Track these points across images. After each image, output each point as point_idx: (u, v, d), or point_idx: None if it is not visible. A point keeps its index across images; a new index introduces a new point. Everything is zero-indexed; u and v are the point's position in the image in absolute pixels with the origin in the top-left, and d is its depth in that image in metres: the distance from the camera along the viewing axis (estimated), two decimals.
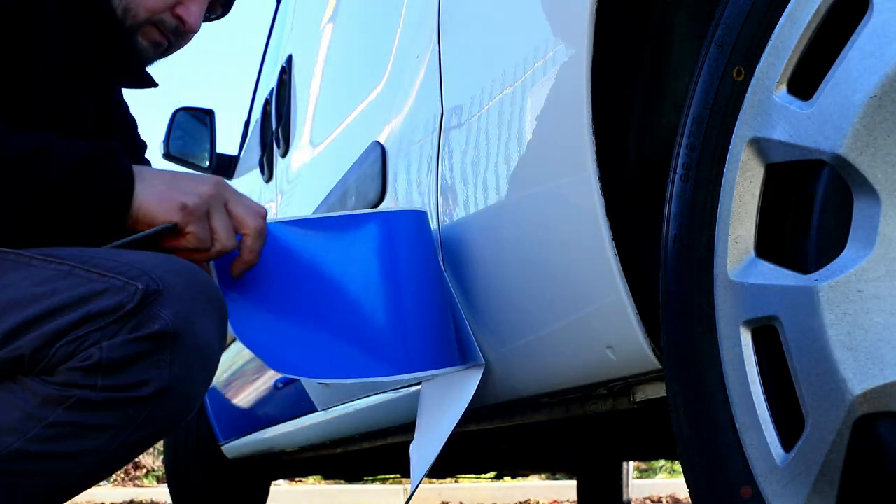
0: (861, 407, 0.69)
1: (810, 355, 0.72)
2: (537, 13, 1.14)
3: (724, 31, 0.84)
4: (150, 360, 1.01)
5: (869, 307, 0.69)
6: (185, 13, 1.33)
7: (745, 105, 0.81)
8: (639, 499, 6.02)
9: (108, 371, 1.00)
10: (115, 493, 6.44)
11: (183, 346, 1.03)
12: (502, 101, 1.21)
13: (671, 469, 7.60)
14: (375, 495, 6.09)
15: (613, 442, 2.59)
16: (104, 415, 1.01)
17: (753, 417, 0.80)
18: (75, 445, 1.02)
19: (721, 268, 0.83)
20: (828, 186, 0.74)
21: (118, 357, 1.00)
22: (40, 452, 1.01)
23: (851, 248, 0.70)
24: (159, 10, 1.31)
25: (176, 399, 1.04)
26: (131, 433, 1.03)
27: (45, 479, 1.03)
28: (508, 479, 5.48)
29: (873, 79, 0.68)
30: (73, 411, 1.00)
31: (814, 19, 0.75)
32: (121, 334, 1.00)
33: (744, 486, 0.81)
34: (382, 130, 1.67)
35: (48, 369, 1.00)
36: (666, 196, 0.92)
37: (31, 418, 1.00)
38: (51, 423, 1.00)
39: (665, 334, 0.91)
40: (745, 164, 0.81)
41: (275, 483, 5.10)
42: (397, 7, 1.66)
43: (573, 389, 1.22)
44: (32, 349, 0.99)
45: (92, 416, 1.01)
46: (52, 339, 1.00)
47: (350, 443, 2.34)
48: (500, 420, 1.55)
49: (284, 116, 2.54)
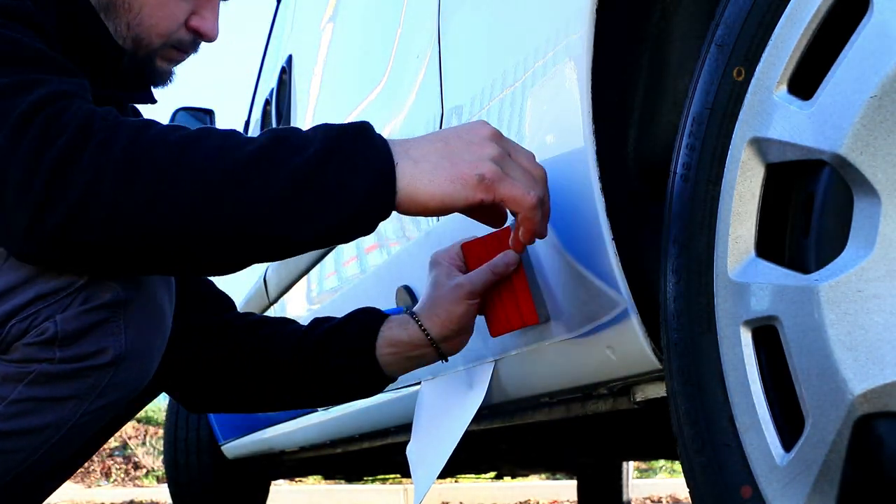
0: (861, 407, 0.69)
1: (810, 355, 0.72)
2: (537, 13, 1.14)
3: (724, 31, 0.84)
4: (105, 328, 1.01)
5: (869, 307, 0.69)
6: (200, 25, 1.24)
7: (745, 105, 0.81)
8: (639, 499, 6.02)
9: (65, 343, 1.00)
10: (115, 492, 6.44)
11: (135, 311, 1.03)
12: (502, 101, 1.21)
13: (671, 469, 7.60)
14: (375, 495, 6.09)
15: (613, 442, 2.59)
16: (65, 386, 1.02)
17: (753, 417, 0.80)
18: (39, 420, 1.02)
19: (721, 268, 0.83)
20: (828, 186, 0.74)
21: (73, 328, 1.00)
22: (4, 430, 1.02)
23: (851, 247, 0.70)
24: (172, 30, 1.22)
25: (135, 363, 1.05)
26: (94, 401, 1.04)
27: (13, 456, 1.04)
28: (508, 479, 5.48)
29: (873, 79, 0.68)
30: (33, 386, 1.01)
31: (814, 19, 0.75)
32: (73, 307, 1.00)
33: (744, 486, 0.81)
34: (382, 130, 1.67)
35: (4, 348, 1.01)
36: (666, 196, 0.92)
37: None
38: (13, 401, 1.01)
39: (665, 334, 0.91)
40: (745, 163, 0.81)
41: (275, 483, 5.10)
42: (397, 7, 1.66)
43: (573, 389, 1.22)
44: None
45: (53, 389, 1.02)
46: (5, 318, 1.00)
47: (350, 443, 2.34)
48: (500, 420, 1.55)
49: (284, 116, 2.54)
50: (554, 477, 6.32)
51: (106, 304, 1.01)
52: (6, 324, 1.00)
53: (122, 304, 1.02)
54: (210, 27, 1.24)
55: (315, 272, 2.16)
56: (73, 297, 1.00)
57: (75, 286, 1.00)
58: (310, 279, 2.22)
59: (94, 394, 1.04)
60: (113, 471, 7.58)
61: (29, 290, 1.00)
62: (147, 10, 1.20)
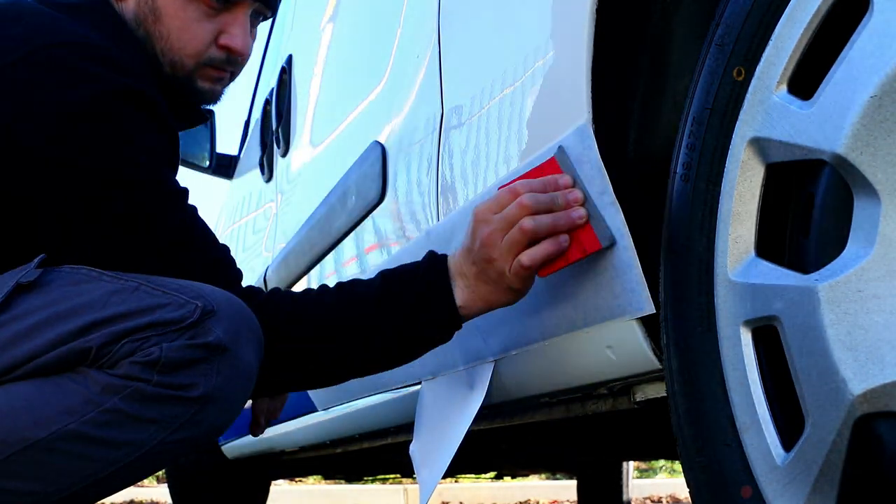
0: (861, 407, 0.69)
1: (810, 355, 0.72)
2: (537, 13, 1.14)
3: (724, 31, 0.84)
4: (201, 366, 1.12)
5: (869, 307, 0.69)
6: (230, 42, 1.32)
7: (745, 105, 0.81)
8: (639, 499, 6.02)
9: (165, 369, 1.10)
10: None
11: (228, 360, 1.13)
12: (502, 101, 1.21)
13: (671, 469, 7.60)
14: (375, 495, 6.09)
15: (613, 442, 2.59)
16: (153, 408, 1.11)
17: (753, 417, 0.80)
18: (123, 434, 1.11)
19: (721, 268, 0.83)
20: (828, 186, 0.74)
21: (175, 358, 1.10)
22: (92, 436, 1.10)
23: (851, 247, 0.70)
24: (203, 50, 1.31)
25: (217, 407, 1.14)
26: (172, 433, 1.13)
27: (90, 464, 1.12)
28: (508, 479, 5.48)
29: (873, 79, 0.68)
30: (127, 401, 1.10)
31: (814, 19, 0.75)
32: (179, 340, 1.11)
33: (744, 485, 0.81)
34: (383, 130, 1.67)
35: (111, 364, 1.11)
36: (666, 196, 0.92)
37: (90, 403, 1.10)
38: (106, 409, 1.10)
39: (665, 334, 0.91)
40: (745, 163, 0.81)
41: (275, 483, 5.10)
42: (397, 7, 1.66)
43: (573, 389, 1.22)
44: (101, 343, 1.10)
45: (142, 409, 1.11)
46: (120, 336, 1.10)
47: (350, 443, 2.34)
48: (500, 420, 1.55)
49: (284, 116, 2.55)
50: (554, 477, 6.33)
51: (208, 345, 1.11)
52: (119, 341, 1.10)
53: (220, 351, 1.12)
54: (238, 43, 1.32)
55: (315, 272, 2.17)
56: (181, 333, 1.11)
57: (186, 323, 1.11)
58: (310, 279, 2.22)
59: (174, 424, 1.13)
60: None
61: (147, 316, 1.11)
62: (174, 34, 1.31)
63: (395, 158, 1.59)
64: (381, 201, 1.64)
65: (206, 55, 1.31)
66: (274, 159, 2.68)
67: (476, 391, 1.34)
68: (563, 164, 1.04)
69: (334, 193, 1.93)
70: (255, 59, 3.35)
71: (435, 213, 1.41)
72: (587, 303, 1.07)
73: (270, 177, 2.74)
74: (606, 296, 1.03)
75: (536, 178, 1.07)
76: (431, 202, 1.42)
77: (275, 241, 2.62)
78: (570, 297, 1.10)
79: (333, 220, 1.92)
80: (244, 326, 1.15)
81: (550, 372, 1.21)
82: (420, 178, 1.47)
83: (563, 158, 1.04)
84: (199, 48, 1.31)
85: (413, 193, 1.50)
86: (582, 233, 1.04)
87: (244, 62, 1.36)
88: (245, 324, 1.15)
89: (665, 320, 0.91)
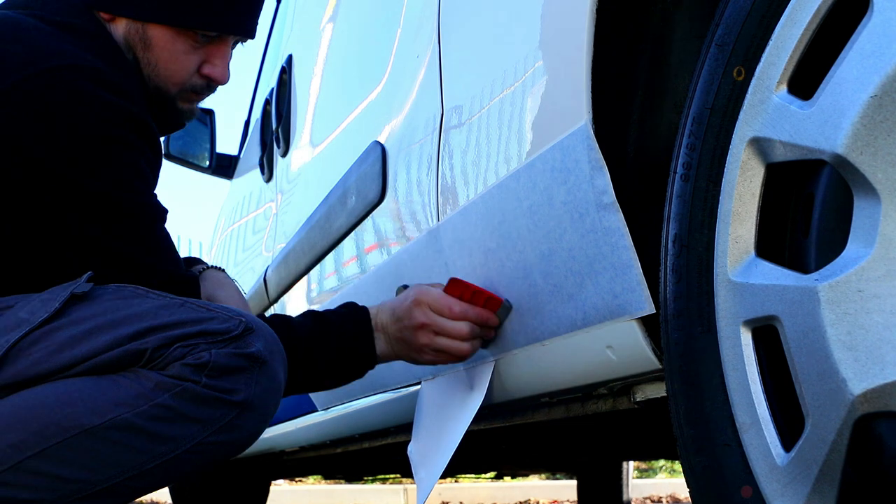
0: (861, 407, 0.69)
1: (810, 355, 0.72)
2: (537, 13, 1.14)
3: (724, 31, 0.84)
4: (244, 375, 1.23)
5: (869, 307, 0.69)
6: (212, 72, 1.42)
7: (745, 105, 0.81)
8: (639, 499, 6.02)
9: (213, 373, 1.21)
10: None
11: (266, 373, 1.24)
12: (502, 101, 1.21)
13: (671, 469, 7.60)
14: (375, 495, 6.09)
15: (613, 442, 2.59)
16: (199, 408, 1.21)
17: (753, 417, 0.80)
18: (168, 430, 1.21)
19: (721, 268, 0.83)
20: (828, 186, 0.74)
21: (222, 364, 1.21)
22: (141, 427, 1.20)
23: (851, 247, 0.70)
24: (187, 79, 1.41)
25: (253, 414, 1.24)
26: (212, 434, 1.23)
27: (136, 456, 1.21)
28: (508, 479, 5.48)
29: (873, 79, 0.68)
30: (177, 399, 1.20)
31: (814, 19, 0.75)
32: (227, 348, 1.22)
33: (744, 486, 0.81)
34: (383, 130, 1.67)
35: (163, 365, 1.21)
36: (666, 196, 0.92)
37: (143, 397, 1.20)
38: (157, 404, 1.20)
39: (665, 334, 0.91)
40: (745, 163, 0.81)
41: (275, 483, 5.10)
42: (397, 7, 1.66)
43: (573, 389, 1.22)
44: (156, 346, 1.20)
45: (189, 407, 1.20)
46: (174, 340, 1.21)
47: (350, 443, 2.34)
48: (500, 420, 1.55)
49: (284, 116, 2.54)
50: (554, 477, 6.33)
51: (251, 355, 1.23)
52: (173, 344, 1.20)
53: (260, 363, 1.24)
54: (220, 73, 1.43)
55: (315, 272, 2.17)
56: (227, 343, 1.22)
57: (232, 335, 1.23)
58: (310, 279, 2.22)
59: (215, 426, 1.23)
60: None
61: (199, 326, 1.22)
62: (162, 64, 1.40)
63: (395, 158, 1.59)
64: (381, 201, 1.64)
65: (189, 83, 1.42)
66: (274, 159, 2.68)
67: (476, 391, 1.34)
68: (502, 311, 1.28)
69: (334, 193, 1.93)
70: (255, 59, 3.35)
71: (435, 213, 1.41)
72: (587, 303, 1.07)
73: (270, 177, 2.74)
74: (606, 296, 1.03)
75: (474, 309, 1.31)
76: (431, 202, 1.42)
77: (275, 241, 2.62)
78: (570, 297, 1.10)
79: (333, 220, 1.92)
80: (277, 347, 1.27)
81: (550, 372, 1.21)
82: (420, 178, 1.47)
83: (505, 309, 1.28)
84: (183, 78, 1.41)
85: (413, 193, 1.50)
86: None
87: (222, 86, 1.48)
88: (277, 344, 1.27)
89: (665, 320, 0.91)
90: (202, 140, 3.28)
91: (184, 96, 1.43)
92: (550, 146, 1.08)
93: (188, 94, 1.43)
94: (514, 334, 1.26)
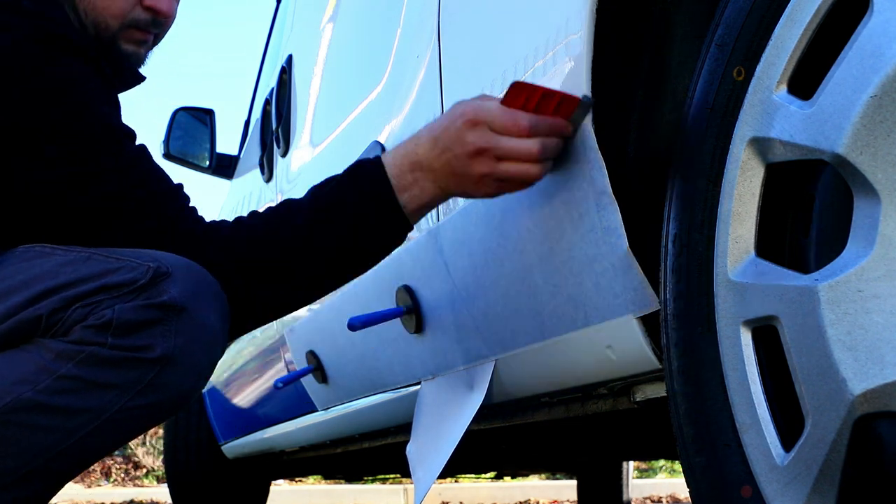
0: (861, 407, 0.69)
1: (810, 355, 0.72)
2: (537, 13, 1.14)
3: (724, 31, 0.84)
4: (157, 327, 1.09)
5: (869, 307, 0.69)
6: (155, 3, 1.28)
7: (745, 105, 0.81)
8: (639, 499, 6.02)
9: (119, 331, 1.08)
10: (115, 492, 6.44)
11: (187, 321, 1.10)
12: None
13: (671, 469, 7.60)
14: (375, 495, 6.09)
15: (613, 442, 2.59)
16: (111, 372, 1.09)
17: (753, 417, 0.80)
18: (81, 401, 1.09)
19: (721, 268, 0.83)
20: (828, 186, 0.74)
21: (128, 319, 1.08)
22: (48, 404, 1.08)
23: (851, 247, 0.70)
24: (128, 10, 1.28)
25: (179, 369, 1.11)
26: (134, 397, 1.10)
27: (49, 435, 1.10)
28: (508, 479, 5.48)
29: (873, 79, 0.68)
30: (82, 366, 1.08)
31: (814, 19, 0.75)
32: (133, 302, 1.09)
33: (744, 485, 0.81)
34: (382, 130, 1.67)
35: (63, 331, 1.09)
36: (666, 196, 0.92)
37: (44, 371, 1.08)
38: (61, 376, 1.08)
39: (665, 334, 0.91)
40: (745, 163, 0.81)
41: (275, 483, 5.10)
42: (397, 7, 1.66)
43: (573, 389, 1.22)
44: (51, 310, 1.08)
45: (99, 373, 1.09)
46: (70, 302, 1.08)
47: (350, 443, 2.34)
48: (500, 420, 1.55)
49: (284, 116, 2.54)
50: (554, 477, 6.32)
51: (162, 305, 1.09)
52: (70, 307, 1.08)
53: (176, 311, 1.10)
54: (163, 5, 1.29)
55: None
56: (135, 294, 1.09)
57: (138, 285, 1.09)
58: None
59: (135, 389, 1.10)
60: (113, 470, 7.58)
61: (97, 281, 1.09)
62: None
63: None
64: None
65: (131, 16, 1.28)
66: (274, 159, 2.68)
67: (476, 391, 1.34)
68: (578, 113, 1.03)
69: None
70: (255, 60, 3.35)
71: (435, 213, 1.41)
72: (587, 302, 1.07)
73: (270, 177, 2.74)
74: (607, 295, 1.03)
75: (545, 121, 1.05)
76: None
77: None
78: (571, 296, 1.10)
79: None
80: (203, 288, 1.12)
81: (550, 372, 1.21)
82: None
83: (584, 107, 1.03)
84: (124, 8, 1.27)
85: None
86: None
87: (169, 24, 1.33)
88: (204, 285, 1.12)
89: (665, 320, 0.91)
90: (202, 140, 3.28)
91: (126, 34, 1.28)
92: None
93: (131, 31, 1.28)
94: (514, 334, 1.26)
